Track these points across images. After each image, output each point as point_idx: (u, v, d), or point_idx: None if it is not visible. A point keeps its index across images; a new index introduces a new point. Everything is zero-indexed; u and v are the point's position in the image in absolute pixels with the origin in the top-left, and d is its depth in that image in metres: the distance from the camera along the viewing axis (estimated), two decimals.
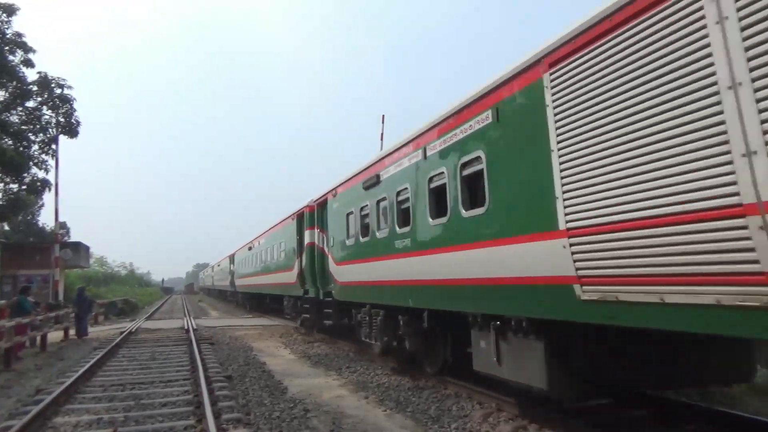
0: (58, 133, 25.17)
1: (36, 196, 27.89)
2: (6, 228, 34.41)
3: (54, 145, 25.01)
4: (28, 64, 24.72)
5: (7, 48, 24.07)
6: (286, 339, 16.32)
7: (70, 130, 25.43)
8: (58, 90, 25.29)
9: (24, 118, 25.09)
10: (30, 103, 25.23)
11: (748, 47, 3.27)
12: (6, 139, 23.97)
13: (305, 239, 15.10)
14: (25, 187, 25.44)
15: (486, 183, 6.08)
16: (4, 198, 25.64)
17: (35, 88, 25.06)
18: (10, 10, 24.14)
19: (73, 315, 18.70)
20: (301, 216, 15.94)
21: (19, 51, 24.49)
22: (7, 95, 24.54)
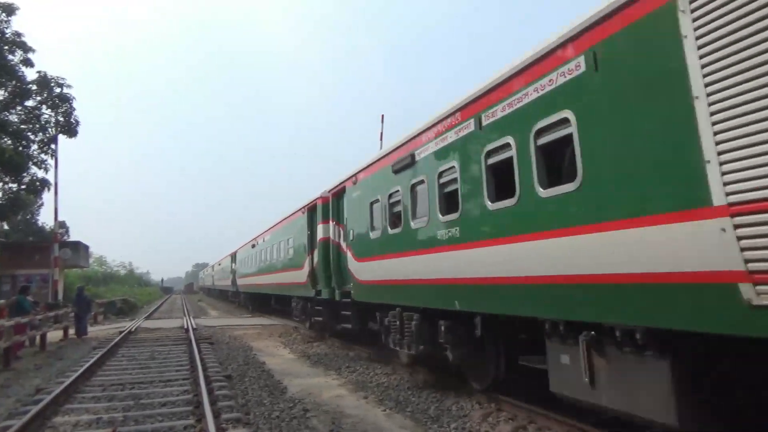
0: (58, 132, 25.15)
1: (35, 195, 27.87)
2: (5, 227, 34.36)
3: (53, 145, 24.99)
4: (28, 63, 24.74)
5: (6, 47, 24.08)
6: (285, 338, 16.34)
7: (70, 129, 25.40)
8: (58, 89, 25.29)
9: (23, 117, 25.08)
10: (29, 103, 25.24)
11: None
12: (5, 139, 23.96)
13: (318, 234, 13.86)
14: (24, 186, 25.41)
15: (578, 151, 4.84)
16: (4, 197, 25.63)
17: (34, 88, 25.05)
18: (10, 10, 24.16)
19: (72, 314, 18.72)
20: (312, 209, 14.68)
21: (19, 50, 24.52)
22: (6, 94, 24.53)
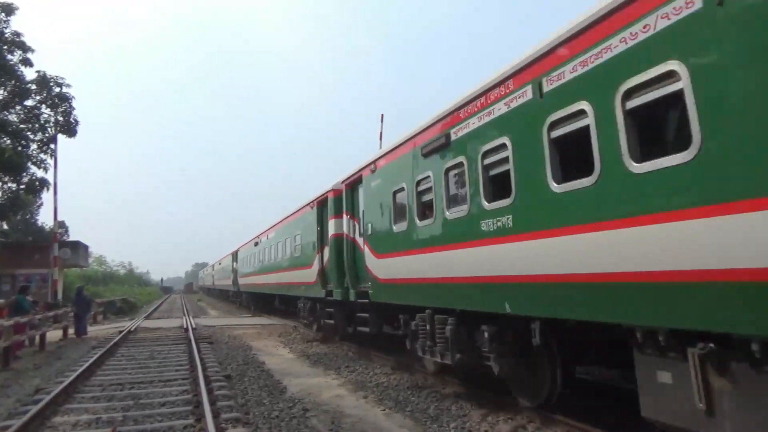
0: (57, 132, 25.13)
1: (35, 195, 27.85)
2: (5, 227, 34.35)
3: (53, 145, 24.97)
4: (27, 63, 24.73)
5: (5, 47, 24.07)
6: (285, 338, 16.35)
7: (69, 129, 25.38)
8: (57, 89, 25.28)
9: (23, 117, 25.06)
10: (29, 102, 25.23)
11: None
12: (5, 139, 23.95)
13: (329, 230, 12.97)
14: (23, 186, 25.40)
15: (692, 112, 3.94)
16: (3, 197, 25.61)
17: (34, 87, 25.04)
18: (9, 10, 24.17)
19: (71, 314, 18.71)
20: (323, 203, 13.73)
21: (18, 50, 24.51)
22: (5, 94, 24.53)
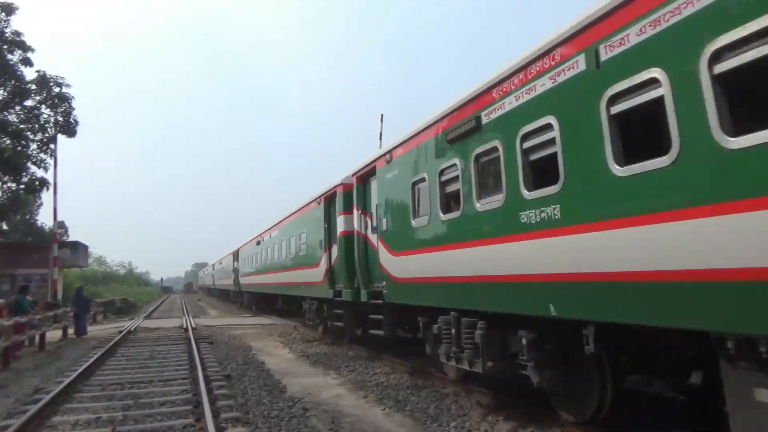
0: (57, 132, 25.11)
1: (34, 195, 27.84)
2: (5, 227, 34.34)
3: (52, 144, 24.96)
4: (27, 62, 24.68)
5: (5, 47, 24.03)
6: (284, 338, 16.34)
7: (69, 129, 25.34)
8: (57, 89, 25.24)
9: (22, 117, 25.03)
10: (28, 102, 25.17)
11: None
12: (4, 139, 23.93)
13: (338, 227, 12.38)
14: (23, 186, 25.38)
15: None
16: (3, 197, 25.59)
17: (33, 87, 25.00)
18: (9, 9, 24.11)
19: (71, 314, 18.71)
20: (330, 198, 13.07)
21: (18, 50, 24.47)
22: (5, 94, 24.50)
